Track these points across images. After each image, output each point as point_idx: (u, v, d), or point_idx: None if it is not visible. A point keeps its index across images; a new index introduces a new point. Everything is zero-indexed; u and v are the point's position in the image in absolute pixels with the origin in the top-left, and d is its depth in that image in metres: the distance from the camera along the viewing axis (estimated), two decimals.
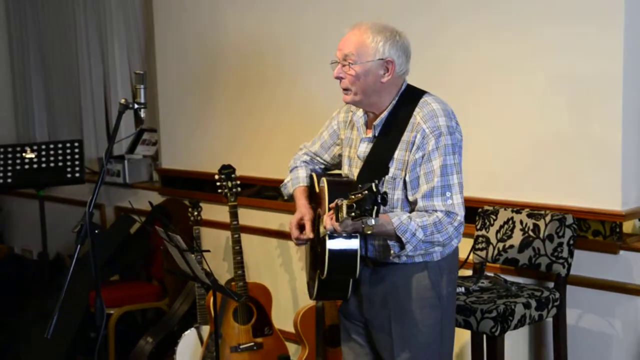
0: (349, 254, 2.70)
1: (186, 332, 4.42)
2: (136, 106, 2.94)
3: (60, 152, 5.21)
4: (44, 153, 5.19)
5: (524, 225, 3.53)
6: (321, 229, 2.78)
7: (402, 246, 2.64)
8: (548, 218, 3.46)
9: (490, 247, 3.62)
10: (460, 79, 3.81)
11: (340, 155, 3.02)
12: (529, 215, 3.53)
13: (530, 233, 3.50)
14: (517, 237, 3.55)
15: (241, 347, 4.24)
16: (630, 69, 3.35)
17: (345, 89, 2.78)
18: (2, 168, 5.15)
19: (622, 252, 3.42)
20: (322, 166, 3.10)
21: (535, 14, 3.53)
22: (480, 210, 3.69)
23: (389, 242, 2.67)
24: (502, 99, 3.69)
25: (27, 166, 5.17)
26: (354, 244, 2.70)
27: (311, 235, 2.86)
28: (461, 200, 2.70)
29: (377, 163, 2.75)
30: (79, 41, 5.99)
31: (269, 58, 4.63)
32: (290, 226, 2.94)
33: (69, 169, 5.18)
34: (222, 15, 4.86)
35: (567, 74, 3.47)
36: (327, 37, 4.24)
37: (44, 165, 5.18)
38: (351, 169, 2.89)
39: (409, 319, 2.79)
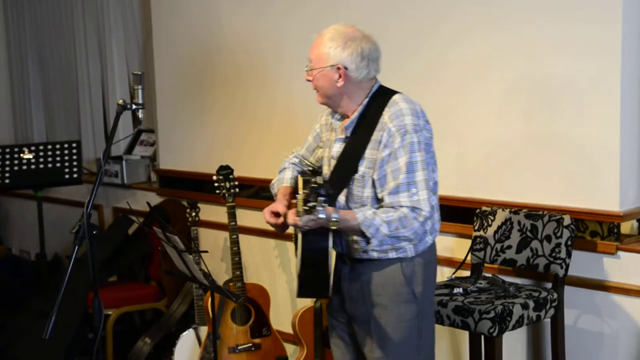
0: (319, 249, 2.76)
1: (184, 333, 4.43)
2: (134, 107, 2.95)
3: (58, 152, 5.21)
4: (41, 154, 5.19)
5: (521, 225, 3.53)
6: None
7: (367, 241, 2.73)
8: (546, 219, 3.46)
9: (488, 248, 3.62)
10: (455, 77, 3.81)
11: (322, 158, 3.09)
12: (527, 216, 3.53)
13: (528, 234, 3.51)
14: (515, 238, 3.55)
15: (239, 348, 4.24)
16: (629, 69, 3.35)
17: (316, 89, 2.91)
18: (0, 169, 5.15)
19: (619, 252, 3.42)
20: (310, 168, 3.16)
21: (533, 11, 3.53)
22: (478, 211, 3.70)
23: (356, 237, 2.77)
24: (499, 98, 3.69)
25: (24, 167, 5.16)
26: (324, 239, 2.75)
27: (282, 219, 2.89)
28: (427, 196, 2.76)
29: (347, 162, 2.84)
30: (77, 42, 5.99)
31: (267, 58, 4.63)
32: (265, 215, 2.96)
33: (66, 170, 5.18)
34: (221, 16, 4.86)
35: (565, 73, 3.47)
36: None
37: (41, 166, 5.17)
38: (329, 169, 2.96)
39: (385, 314, 2.86)
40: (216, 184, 4.32)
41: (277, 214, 2.91)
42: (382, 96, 2.86)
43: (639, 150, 3.47)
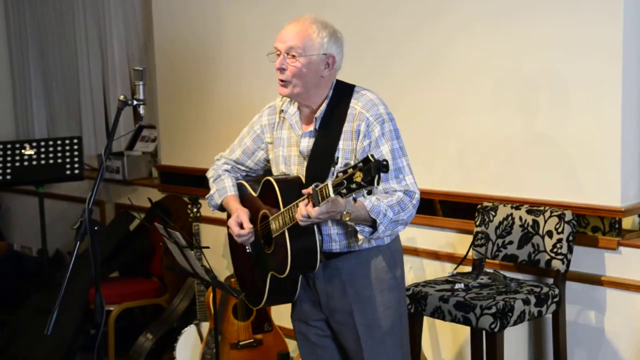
0: (309, 245, 2.72)
1: (186, 329, 4.43)
2: (135, 103, 2.94)
3: (59, 148, 5.20)
4: (43, 150, 5.19)
5: (523, 221, 3.53)
6: (273, 227, 2.77)
7: (373, 229, 2.69)
8: (547, 214, 3.46)
9: (490, 243, 3.62)
10: (456, 73, 3.81)
11: (265, 160, 3.03)
12: (529, 212, 3.53)
13: (530, 229, 3.51)
14: (516, 233, 3.55)
15: (241, 343, 4.24)
16: (630, 65, 3.35)
17: (284, 81, 2.81)
18: (1, 165, 5.15)
19: (621, 248, 3.42)
20: (244, 174, 3.09)
21: (534, 7, 3.53)
22: (479, 206, 3.70)
23: (357, 227, 2.71)
24: (501, 95, 3.68)
25: (26, 163, 5.16)
26: (312, 234, 2.72)
27: (250, 227, 2.84)
28: (414, 180, 2.77)
29: (323, 155, 2.78)
30: (78, 38, 5.99)
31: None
32: (229, 226, 2.91)
33: (68, 166, 5.18)
34: (222, 12, 4.86)
35: (566, 69, 3.46)
36: None
37: (43, 161, 5.17)
38: (289, 167, 2.88)
39: (371, 304, 2.83)
40: None
41: (241, 225, 2.86)
42: (342, 88, 2.85)
43: None
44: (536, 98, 3.58)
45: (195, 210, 4.54)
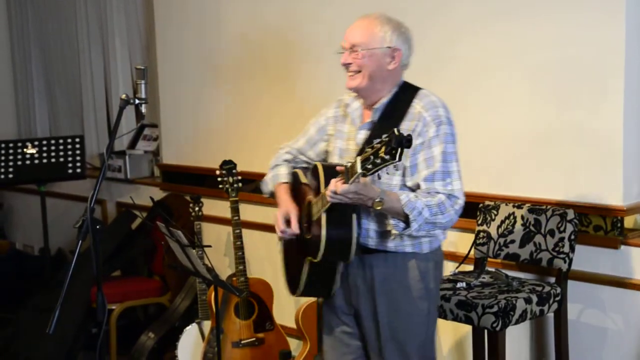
0: (345, 234, 2.71)
1: (187, 328, 4.43)
2: (137, 101, 2.94)
3: (61, 147, 5.21)
4: (45, 148, 5.19)
5: (525, 220, 3.53)
6: (314, 211, 2.79)
7: (406, 225, 2.67)
8: (549, 213, 3.46)
9: (492, 242, 3.62)
10: (458, 72, 3.81)
11: (326, 152, 3.05)
12: (530, 210, 3.53)
13: (532, 228, 3.50)
14: (518, 232, 3.55)
15: (242, 342, 4.24)
16: (632, 62, 3.34)
17: (353, 72, 2.83)
18: (3, 163, 5.15)
19: (623, 247, 3.42)
20: (305, 164, 3.11)
21: (535, 5, 3.53)
22: (481, 205, 3.69)
23: (391, 221, 2.71)
24: (503, 94, 3.68)
25: (28, 161, 5.17)
26: (349, 224, 2.71)
27: (297, 231, 2.88)
28: (461, 186, 2.76)
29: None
30: (80, 36, 5.99)
31: (271, 53, 4.62)
32: (276, 219, 2.94)
33: (70, 165, 5.18)
34: (223, 10, 4.86)
35: (568, 68, 3.46)
36: (327, 29, 4.24)
37: (45, 160, 5.17)
38: (343, 160, 2.89)
39: (397, 309, 2.83)
40: (219, 179, 4.32)
41: (288, 222, 2.88)
42: (408, 88, 2.88)
43: None
44: (538, 97, 3.57)
45: (197, 209, 4.54)
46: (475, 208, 3.71)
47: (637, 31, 3.35)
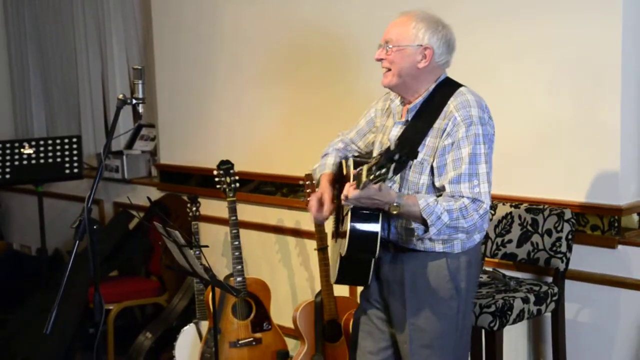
0: (369, 231, 2.71)
1: (185, 328, 4.43)
2: (134, 101, 2.94)
3: (58, 147, 5.20)
4: (42, 149, 5.19)
5: (522, 219, 3.53)
6: (345, 206, 2.79)
7: (426, 229, 2.66)
8: (546, 213, 3.46)
9: (489, 242, 3.62)
10: (458, 72, 3.80)
11: (373, 143, 3.04)
12: (528, 210, 3.53)
13: (529, 228, 3.51)
14: (515, 232, 3.55)
15: (240, 342, 4.24)
16: (629, 62, 3.35)
17: (387, 70, 2.83)
18: (0, 164, 5.14)
19: (620, 246, 3.42)
20: (356, 154, 3.11)
21: (533, 6, 3.53)
22: None
23: (413, 224, 2.71)
24: (500, 94, 3.68)
25: (25, 162, 5.16)
26: (374, 221, 2.70)
27: (328, 213, 2.90)
28: (488, 189, 2.73)
29: (406, 146, 2.71)
30: (77, 36, 5.99)
31: (267, 52, 4.62)
32: (309, 202, 2.95)
33: (67, 165, 5.18)
34: (220, 11, 4.85)
35: (565, 67, 3.46)
36: (324, 31, 4.24)
37: (42, 160, 5.17)
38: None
39: (424, 308, 2.81)
40: (217, 179, 4.32)
41: (322, 205, 2.90)
42: (448, 86, 2.84)
43: (639, 144, 3.47)
44: (535, 97, 3.58)
45: (194, 209, 4.54)
46: None
47: (633, 31, 3.35)
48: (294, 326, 4.10)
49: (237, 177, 4.32)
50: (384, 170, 2.37)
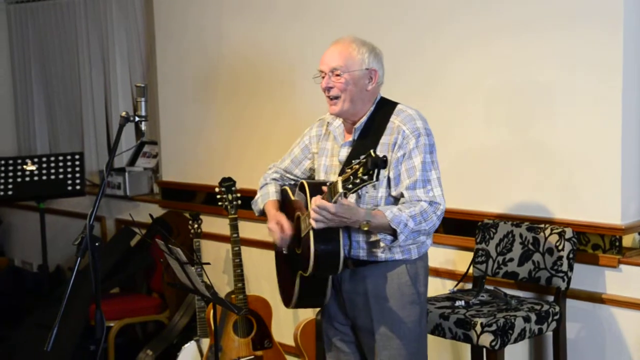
0: (332, 249, 2.80)
1: (186, 345, 4.42)
2: (137, 119, 2.96)
3: (61, 164, 5.21)
4: (44, 165, 5.20)
5: (523, 238, 3.53)
6: (302, 227, 2.88)
7: (394, 238, 2.78)
8: (548, 231, 3.46)
9: (490, 261, 3.62)
10: (454, 90, 3.82)
11: (311, 169, 3.16)
12: (529, 229, 3.53)
13: (530, 246, 3.51)
14: (516, 251, 3.55)
15: None
16: (630, 80, 3.36)
17: (335, 98, 2.93)
18: (2, 180, 5.16)
19: (621, 266, 3.42)
20: (292, 182, 3.22)
21: (533, 22, 3.54)
22: (480, 223, 3.70)
23: (379, 235, 2.80)
24: (501, 111, 3.69)
25: (27, 178, 5.17)
26: (336, 239, 2.80)
27: (290, 231, 2.97)
28: (441, 192, 2.88)
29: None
30: (81, 54, 6.01)
31: (268, 69, 4.64)
32: (270, 230, 3.02)
33: (69, 182, 5.19)
34: (223, 29, 4.87)
35: (566, 85, 3.47)
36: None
37: (44, 177, 5.18)
38: (328, 176, 3.02)
39: (391, 316, 2.92)
40: (218, 196, 4.32)
41: (283, 229, 2.98)
42: (386, 105, 2.98)
43: None
44: (536, 116, 3.58)
45: (196, 226, 4.54)
46: (473, 226, 3.71)
47: (634, 47, 3.36)
48: (295, 344, 4.09)
49: (238, 195, 4.33)
50: (366, 177, 2.48)
